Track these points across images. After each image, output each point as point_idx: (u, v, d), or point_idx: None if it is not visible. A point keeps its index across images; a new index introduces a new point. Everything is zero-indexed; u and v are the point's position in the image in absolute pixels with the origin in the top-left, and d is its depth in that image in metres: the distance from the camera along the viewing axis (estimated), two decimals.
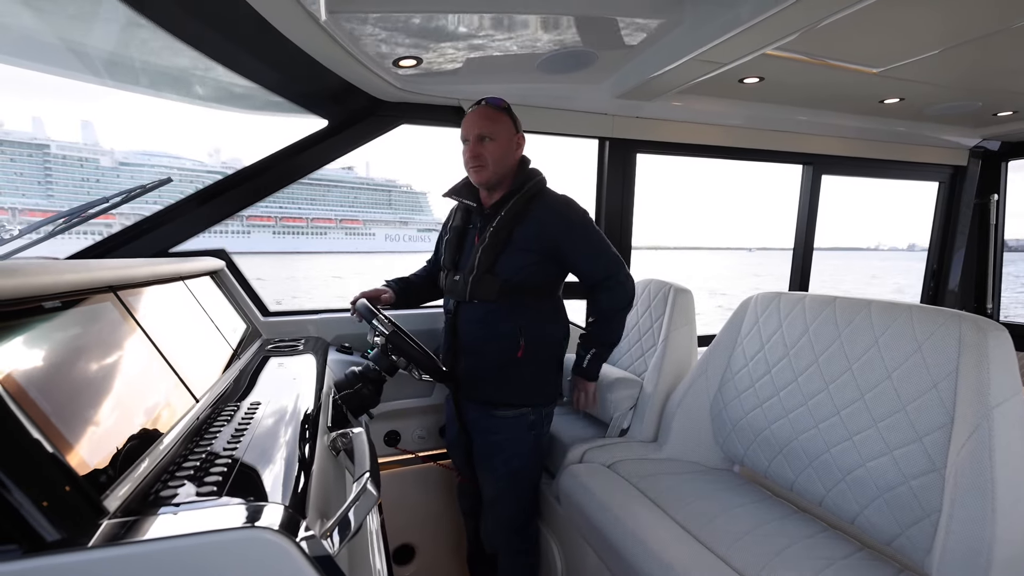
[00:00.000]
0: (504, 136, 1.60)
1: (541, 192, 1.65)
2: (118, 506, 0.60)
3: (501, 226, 1.60)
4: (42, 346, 0.67)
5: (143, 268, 1.08)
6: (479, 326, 1.65)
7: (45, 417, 0.58)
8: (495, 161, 1.59)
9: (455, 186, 1.75)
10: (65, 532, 0.52)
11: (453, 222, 1.77)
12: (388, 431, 2.09)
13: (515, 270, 1.60)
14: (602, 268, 1.64)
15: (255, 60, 1.57)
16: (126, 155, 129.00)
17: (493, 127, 1.59)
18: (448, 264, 1.73)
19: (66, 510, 0.54)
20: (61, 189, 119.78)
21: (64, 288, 0.77)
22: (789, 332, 1.51)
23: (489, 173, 1.61)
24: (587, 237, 1.63)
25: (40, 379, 0.62)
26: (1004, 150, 2.99)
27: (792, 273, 2.87)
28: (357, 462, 0.88)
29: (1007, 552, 0.93)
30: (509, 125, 1.62)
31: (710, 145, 2.46)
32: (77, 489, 0.56)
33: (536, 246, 1.59)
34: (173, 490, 0.64)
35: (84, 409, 0.65)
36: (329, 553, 0.60)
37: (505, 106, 1.64)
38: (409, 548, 2.19)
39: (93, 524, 0.55)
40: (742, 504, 1.43)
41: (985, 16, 1.45)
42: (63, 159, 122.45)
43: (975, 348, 1.05)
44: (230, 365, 1.26)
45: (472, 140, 1.60)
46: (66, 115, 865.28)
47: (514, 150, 1.64)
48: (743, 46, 1.49)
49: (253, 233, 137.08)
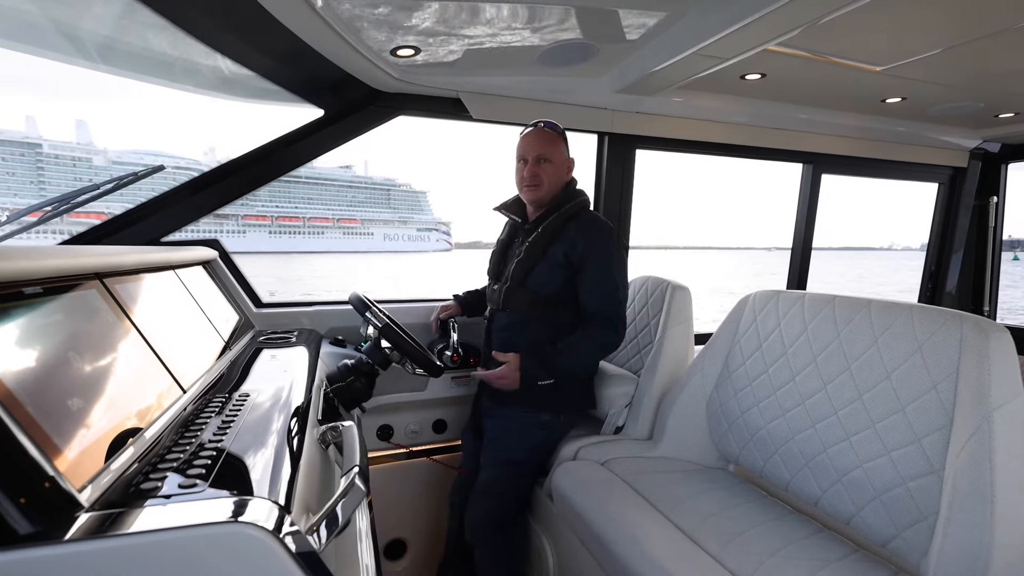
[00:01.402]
0: (560, 159, 1.71)
1: (581, 212, 1.71)
2: (97, 498, 0.58)
3: (536, 241, 1.69)
4: (21, 333, 0.65)
5: (131, 256, 1.06)
6: (509, 334, 1.73)
7: (19, 405, 0.56)
8: (550, 182, 1.69)
9: (506, 202, 1.85)
10: (39, 525, 0.50)
11: (502, 235, 1.89)
12: (381, 425, 2.08)
13: (545, 284, 1.67)
14: (601, 303, 1.65)
15: (250, 47, 1.54)
16: (120, 154, 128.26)
17: (552, 150, 1.69)
18: (491, 274, 1.85)
19: (40, 502, 0.52)
20: (54, 189, 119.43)
21: (46, 274, 0.74)
22: (787, 331, 1.50)
23: (543, 192, 1.70)
24: (605, 268, 1.65)
25: (16, 367, 0.60)
26: (1004, 152, 2.99)
27: (790, 272, 2.86)
28: (346, 456, 0.86)
29: (1006, 557, 0.92)
30: (563, 149, 1.73)
31: (710, 142, 2.44)
32: (52, 481, 0.54)
33: (566, 262, 1.65)
34: (156, 482, 0.63)
35: (63, 398, 0.63)
36: (314, 549, 0.59)
37: (561, 131, 1.75)
38: (401, 543, 2.18)
39: (69, 517, 0.54)
40: (737, 504, 1.42)
41: (989, 15, 1.44)
42: (56, 158, 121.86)
43: (976, 349, 1.04)
44: (221, 356, 1.25)
45: (531, 161, 1.69)
46: (60, 114, 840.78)
47: (565, 173, 1.74)
48: (745, 41, 1.48)
49: (249, 232, 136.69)
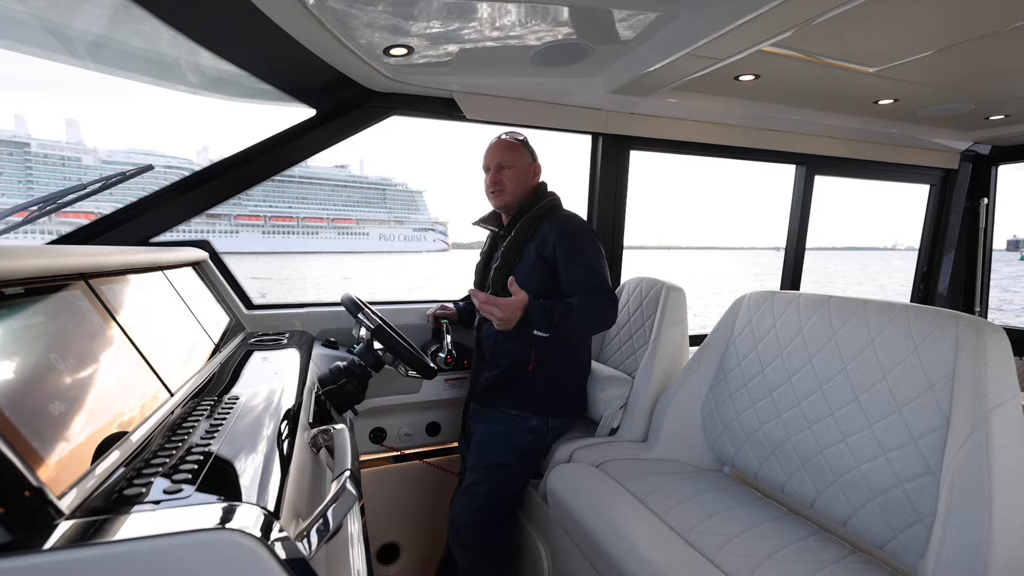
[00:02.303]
0: (522, 164, 1.75)
1: (552, 211, 1.74)
2: (79, 505, 0.56)
3: (510, 244, 1.72)
4: (0, 335, 0.63)
5: (118, 256, 1.04)
6: (495, 340, 1.75)
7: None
8: (513, 187, 1.74)
9: (484, 216, 1.91)
10: (16, 534, 0.48)
11: (483, 248, 1.93)
12: (374, 428, 2.06)
13: (524, 285, 1.64)
14: (587, 276, 1.61)
15: (241, 45, 1.52)
16: (110, 153, 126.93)
17: (512, 157, 1.75)
18: (476, 284, 1.89)
19: (18, 510, 0.50)
20: (42, 188, 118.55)
21: (28, 274, 0.72)
22: (783, 331, 1.50)
23: (508, 196, 1.75)
24: (581, 245, 1.64)
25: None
26: (994, 154, 3.01)
27: (784, 272, 2.87)
28: (337, 460, 0.84)
29: (1004, 559, 0.91)
30: (526, 155, 1.77)
31: (704, 143, 2.44)
32: (31, 488, 0.52)
33: (540, 259, 1.67)
34: (140, 488, 0.61)
35: (44, 402, 0.61)
36: (303, 555, 0.57)
37: (522, 139, 1.79)
38: (394, 547, 2.15)
39: (49, 524, 0.52)
40: (732, 506, 1.41)
41: (980, 17, 1.44)
42: (44, 157, 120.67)
43: (972, 349, 1.04)
44: (211, 359, 1.22)
45: (493, 168, 1.75)
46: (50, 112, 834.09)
47: (531, 177, 1.77)
48: (739, 42, 1.48)
49: (242, 232, 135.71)
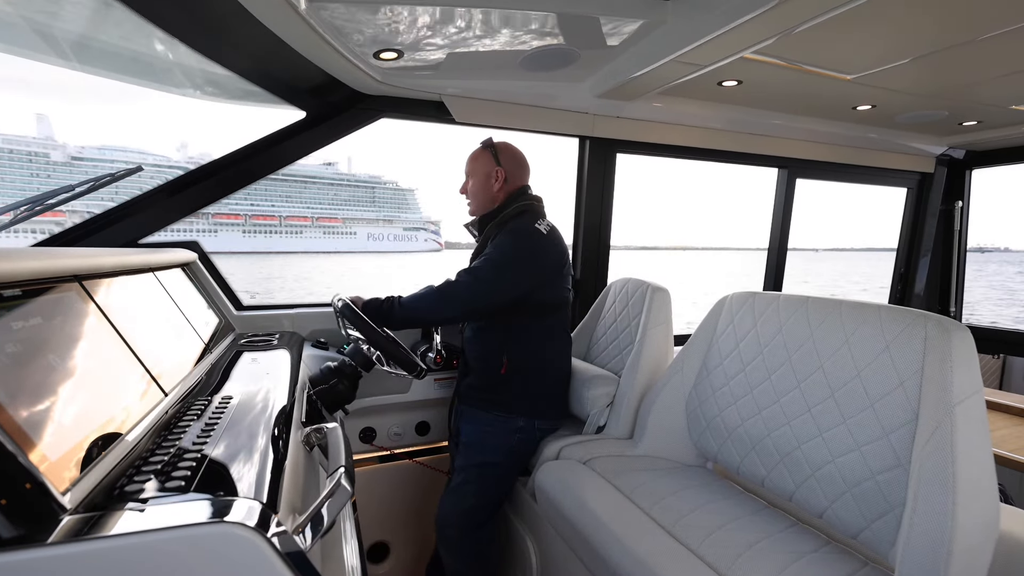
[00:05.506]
0: (481, 172, 1.77)
1: (513, 219, 1.73)
2: (81, 501, 0.58)
3: (475, 254, 1.76)
4: (1, 336, 0.64)
5: (110, 257, 1.05)
6: (472, 344, 1.81)
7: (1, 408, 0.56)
8: (475, 195, 1.79)
9: (472, 220, 1.91)
10: (22, 528, 0.50)
11: (473, 251, 1.94)
12: (364, 428, 2.07)
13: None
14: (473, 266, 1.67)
15: (230, 47, 1.53)
16: (81, 149, 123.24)
17: (473, 166, 1.79)
18: None
19: (23, 505, 0.52)
20: (6, 184, 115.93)
21: (25, 276, 0.74)
22: (763, 331, 1.54)
23: (475, 205, 1.80)
24: (499, 245, 1.67)
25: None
26: (968, 159, 3.10)
27: (766, 273, 2.92)
28: (331, 457, 0.86)
29: (966, 542, 0.96)
30: (487, 160, 1.76)
31: (689, 147, 2.49)
32: (34, 483, 0.54)
33: None
34: (139, 485, 0.63)
35: (43, 402, 0.63)
36: (301, 549, 0.59)
37: (488, 143, 1.79)
38: (384, 546, 2.17)
39: (53, 520, 0.54)
40: (714, 500, 1.45)
41: (954, 28, 1.50)
42: (9, 153, 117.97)
43: (939, 347, 1.08)
44: (202, 359, 1.23)
45: (464, 180, 1.82)
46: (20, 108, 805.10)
47: (492, 183, 1.77)
48: (722, 49, 1.52)
49: (221, 232, 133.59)
